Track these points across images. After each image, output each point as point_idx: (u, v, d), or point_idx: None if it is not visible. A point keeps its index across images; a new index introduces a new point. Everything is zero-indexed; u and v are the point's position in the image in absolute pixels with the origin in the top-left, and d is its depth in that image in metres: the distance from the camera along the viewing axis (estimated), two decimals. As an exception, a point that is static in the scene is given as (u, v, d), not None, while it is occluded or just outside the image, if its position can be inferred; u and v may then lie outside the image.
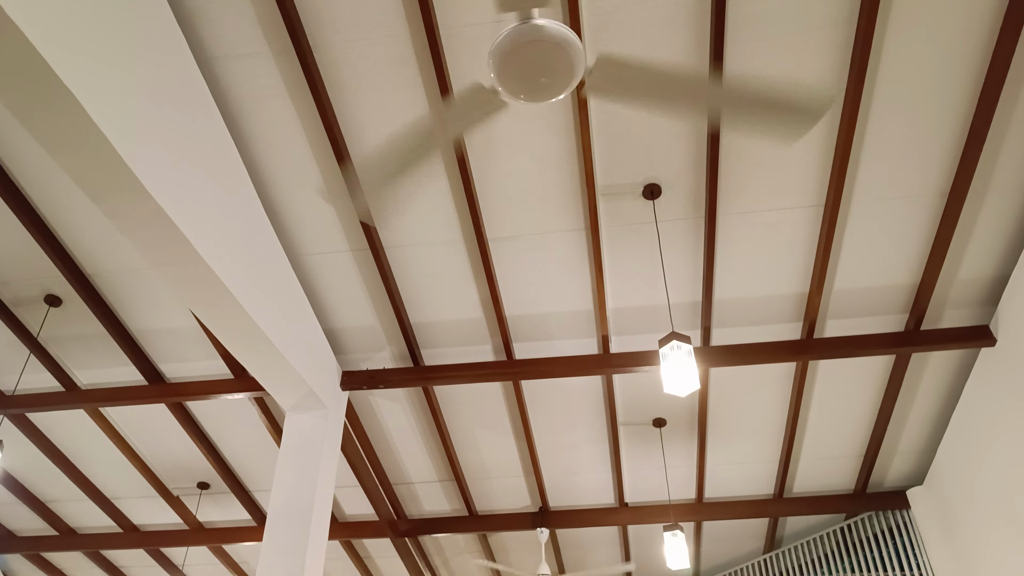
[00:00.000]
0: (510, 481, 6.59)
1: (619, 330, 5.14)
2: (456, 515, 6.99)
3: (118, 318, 5.20)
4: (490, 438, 6.14)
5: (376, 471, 6.41)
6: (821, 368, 5.37)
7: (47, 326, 5.28)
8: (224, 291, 3.77)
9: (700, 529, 7.25)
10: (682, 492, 6.69)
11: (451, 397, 5.77)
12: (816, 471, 6.33)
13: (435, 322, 5.15)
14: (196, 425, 6.10)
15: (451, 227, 4.54)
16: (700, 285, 4.83)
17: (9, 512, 7.39)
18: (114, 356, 5.50)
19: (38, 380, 5.74)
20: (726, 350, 4.99)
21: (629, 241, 4.57)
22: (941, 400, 5.60)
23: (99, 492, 6.95)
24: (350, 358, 5.42)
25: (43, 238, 4.54)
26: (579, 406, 5.82)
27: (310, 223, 4.53)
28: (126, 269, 4.83)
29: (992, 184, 4.21)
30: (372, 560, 7.89)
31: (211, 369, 5.53)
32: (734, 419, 5.86)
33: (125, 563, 8.15)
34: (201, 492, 6.91)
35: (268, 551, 4.64)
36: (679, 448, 6.18)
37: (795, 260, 4.63)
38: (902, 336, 4.87)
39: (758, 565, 7.56)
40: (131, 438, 6.31)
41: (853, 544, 6.83)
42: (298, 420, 5.07)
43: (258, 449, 6.33)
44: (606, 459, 6.33)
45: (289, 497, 4.80)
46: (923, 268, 4.62)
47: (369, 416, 5.95)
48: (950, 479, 5.78)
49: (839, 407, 5.69)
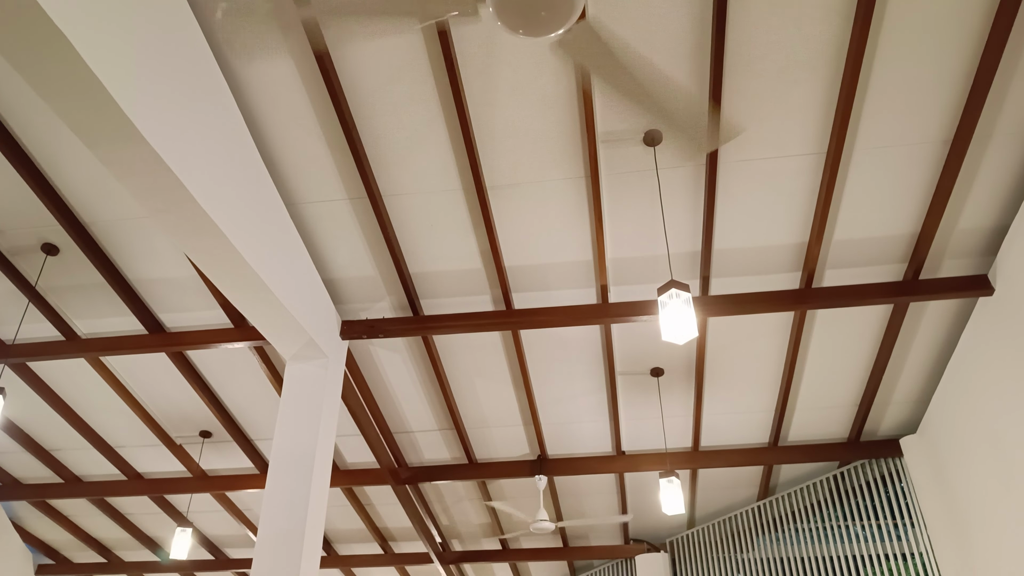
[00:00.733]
0: (509, 430, 6.68)
1: (618, 280, 5.14)
2: (456, 463, 7.10)
3: (116, 267, 5.19)
4: (489, 387, 6.19)
5: (377, 420, 6.48)
6: (819, 318, 5.40)
7: (45, 275, 5.27)
8: (222, 239, 3.76)
9: (696, 477, 7.38)
10: (678, 441, 6.79)
11: (450, 347, 5.81)
12: (811, 420, 6.41)
13: (434, 272, 5.15)
14: (197, 374, 6.15)
15: (450, 175, 4.50)
16: (699, 235, 4.81)
17: (14, 460, 7.49)
18: (113, 305, 5.51)
19: (38, 330, 5.76)
20: (724, 300, 5.01)
21: (629, 190, 4.54)
22: (937, 350, 5.64)
23: (103, 441, 7.04)
24: (349, 308, 5.44)
25: (38, 186, 4.50)
26: (577, 356, 5.86)
27: (307, 171, 4.49)
28: (123, 218, 4.80)
29: (995, 132, 4.17)
30: (373, 507, 8.04)
31: (211, 319, 5.54)
32: (731, 369, 5.91)
33: (130, 510, 8.30)
34: (204, 441, 7.00)
35: (271, 498, 4.71)
36: (676, 397, 6.25)
37: (795, 209, 4.61)
38: (900, 285, 4.88)
39: (752, 512, 7.72)
40: (133, 387, 6.36)
41: (846, 491, 6.96)
42: (299, 369, 5.10)
43: (259, 398, 6.39)
44: (604, 408, 6.40)
45: (291, 445, 4.86)
46: (923, 218, 4.60)
47: (369, 366, 5.99)
48: (943, 427, 5.87)
49: (835, 357, 5.73)
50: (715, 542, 7.94)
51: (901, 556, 6.34)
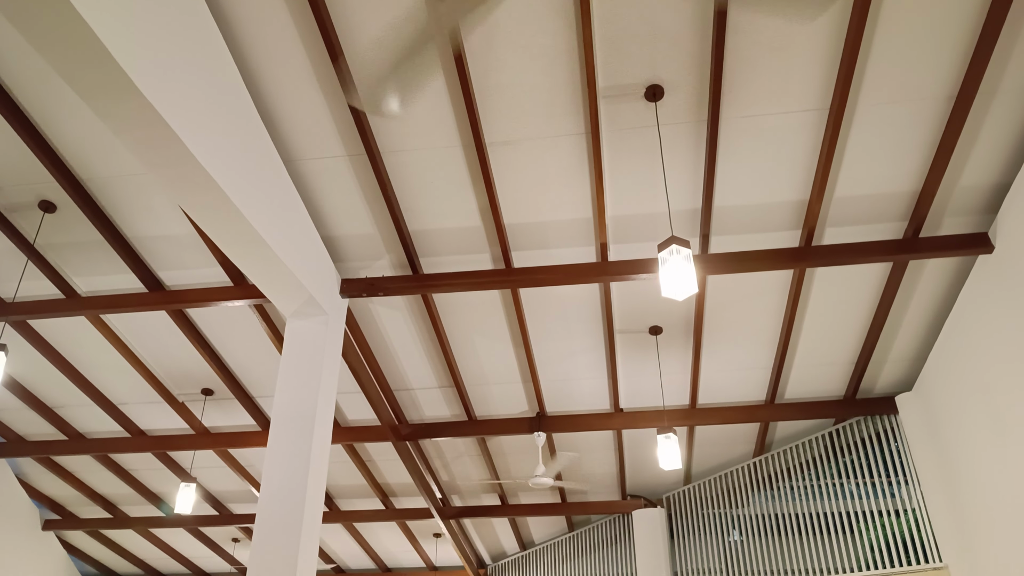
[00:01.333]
0: (508, 387, 6.73)
1: (618, 238, 5.13)
2: (456, 420, 7.18)
3: (114, 225, 5.17)
4: (489, 345, 6.22)
5: (377, 377, 6.53)
6: (818, 276, 5.40)
7: (43, 233, 5.25)
8: (221, 195, 3.74)
9: (693, 433, 7.47)
10: (676, 398, 6.85)
11: (450, 305, 5.82)
12: (808, 377, 6.46)
13: (434, 230, 5.13)
14: (198, 332, 6.17)
15: (449, 131, 4.45)
16: (700, 192, 4.79)
17: (18, 417, 7.56)
18: (113, 263, 5.50)
19: (38, 287, 5.76)
20: (724, 257, 5.01)
21: (630, 146, 4.50)
22: (935, 308, 5.66)
23: (105, 398, 7.09)
24: (349, 266, 5.43)
25: (33, 142, 4.46)
26: (576, 314, 5.88)
27: (305, 127, 4.44)
28: (120, 174, 4.76)
29: (1000, 89, 4.12)
30: (374, 463, 8.15)
31: (210, 276, 5.54)
32: (729, 327, 5.94)
33: (134, 466, 8.41)
34: (205, 398, 7.06)
35: (273, 454, 4.76)
36: (674, 355, 6.29)
37: (796, 166, 4.58)
38: (900, 243, 4.88)
39: (748, 468, 7.83)
40: (134, 345, 6.39)
41: (841, 448, 7.05)
42: (299, 326, 5.12)
43: (260, 356, 6.43)
44: (602, 366, 6.45)
45: (292, 402, 4.90)
46: (925, 175, 4.58)
47: (369, 324, 6.01)
48: (938, 385, 5.92)
49: (833, 315, 5.75)
50: (711, 498, 8.08)
51: (894, 512, 6.46)
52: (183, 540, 10.17)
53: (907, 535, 6.29)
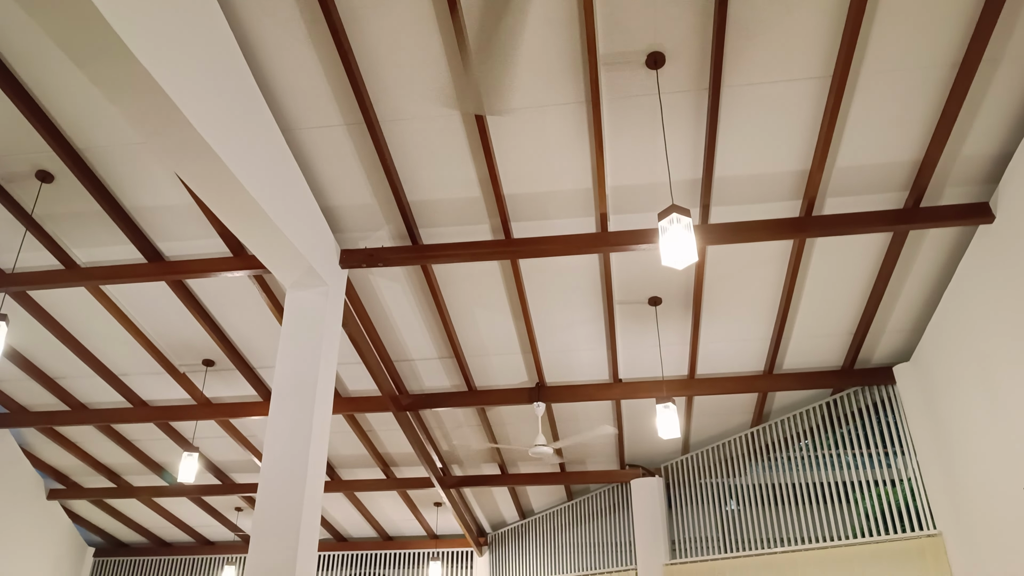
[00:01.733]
0: (508, 358, 6.76)
1: (618, 208, 5.12)
2: (456, 390, 7.22)
3: (112, 195, 5.15)
4: (488, 316, 6.24)
5: (377, 348, 6.56)
6: (818, 246, 5.40)
7: (41, 203, 5.23)
8: (218, 163, 3.71)
9: (691, 404, 7.52)
10: (675, 369, 6.88)
11: (450, 276, 5.82)
12: (806, 348, 6.49)
13: (433, 200, 5.12)
14: (198, 303, 6.18)
15: (449, 99, 4.41)
16: (701, 162, 4.76)
17: (20, 388, 7.60)
18: (112, 234, 5.49)
19: (37, 258, 5.76)
20: (724, 228, 4.99)
21: (630, 116, 4.47)
22: (934, 279, 5.67)
23: (106, 369, 7.13)
24: (348, 236, 5.42)
25: (28, 110, 4.42)
26: (576, 285, 5.88)
27: (303, 95, 4.40)
28: (117, 144, 4.73)
29: (1005, 56, 4.07)
30: (375, 433, 8.21)
31: (210, 247, 5.54)
32: (728, 298, 5.95)
33: (136, 436, 8.47)
34: (207, 369, 7.09)
35: (274, 424, 4.79)
36: (673, 326, 6.30)
37: (798, 136, 4.55)
38: (900, 213, 4.86)
39: (746, 438, 7.89)
40: (134, 316, 6.41)
41: (838, 418, 7.10)
42: (299, 297, 5.12)
43: (261, 327, 6.44)
44: (601, 337, 6.47)
45: (293, 372, 4.92)
46: (927, 144, 4.55)
47: (369, 295, 6.02)
48: (936, 356, 5.94)
49: (833, 286, 5.76)
50: (708, 467, 8.15)
51: (889, 482, 6.52)
52: (187, 509, 10.29)
53: (902, 504, 6.36)
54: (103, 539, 11.10)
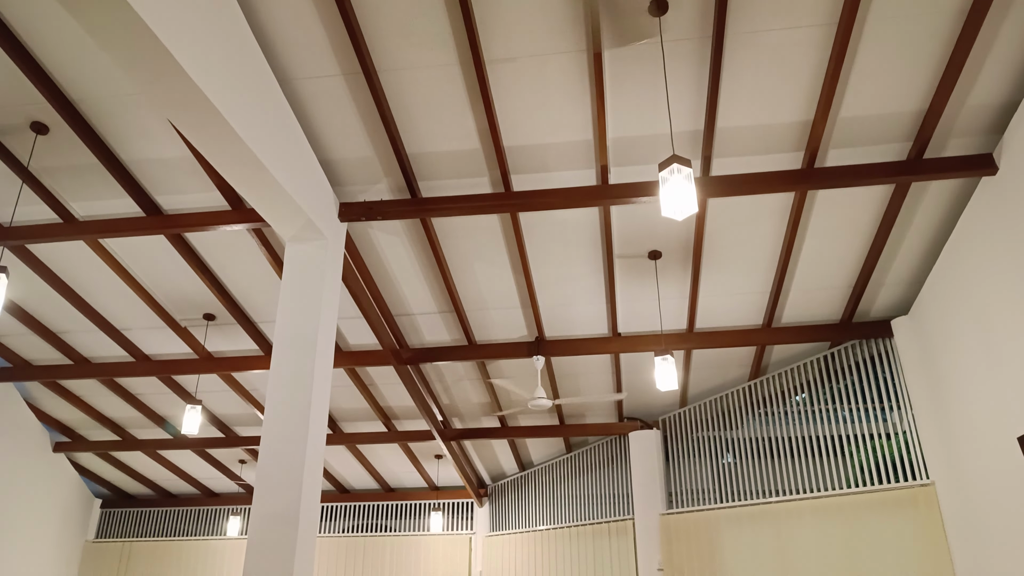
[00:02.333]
0: (508, 312, 6.78)
1: (618, 161, 5.07)
2: (456, 344, 7.26)
3: (109, 147, 5.10)
4: (488, 270, 6.24)
5: (377, 302, 6.57)
6: (819, 199, 5.37)
7: (37, 156, 5.18)
8: (215, 113, 3.67)
9: (689, 357, 7.57)
10: (674, 323, 6.91)
11: (449, 230, 5.80)
12: (805, 301, 6.51)
13: (432, 153, 5.07)
14: (198, 257, 6.17)
15: (447, 48, 4.34)
16: (703, 113, 4.71)
17: (23, 342, 7.64)
18: (109, 187, 5.45)
19: (35, 212, 5.73)
20: (725, 180, 4.96)
21: (632, 65, 4.40)
22: (934, 232, 5.65)
23: (108, 323, 7.16)
24: (347, 190, 5.39)
25: (20, 60, 4.35)
26: (576, 238, 5.87)
27: (300, 44, 4.32)
28: (113, 94, 4.67)
29: (1015, 2, 3.99)
30: (376, 387, 8.28)
31: (208, 201, 5.51)
32: (728, 251, 5.94)
33: (140, 390, 8.55)
34: (208, 323, 7.12)
35: (276, 377, 4.82)
36: (673, 280, 6.31)
37: (801, 85, 4.48)
38: (903, 165, 4.83)
39: (743, 391, 7.97)
40: (134, 270, 6.41)
41: (835, 371, 7.16)
42: (298, 250, 5.11)
43: (261, 281, 6.45)
44: (601, 291, 6.48)
45: (293, 325, 4.93)
46: (932, 94, 4.49)
47: (369, 249, 6.01)
48: (934, 309, 5.96)
49: (833, 239, 5.75)
50: (705, 420, 8.25)
51: (885, 435, 6.60)
52: (191, 461, 10.44)
53: (896, 457, 6.46)
54: (109, 491, 11.29)
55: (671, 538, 8.00)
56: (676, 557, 7.90)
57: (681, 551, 7.87)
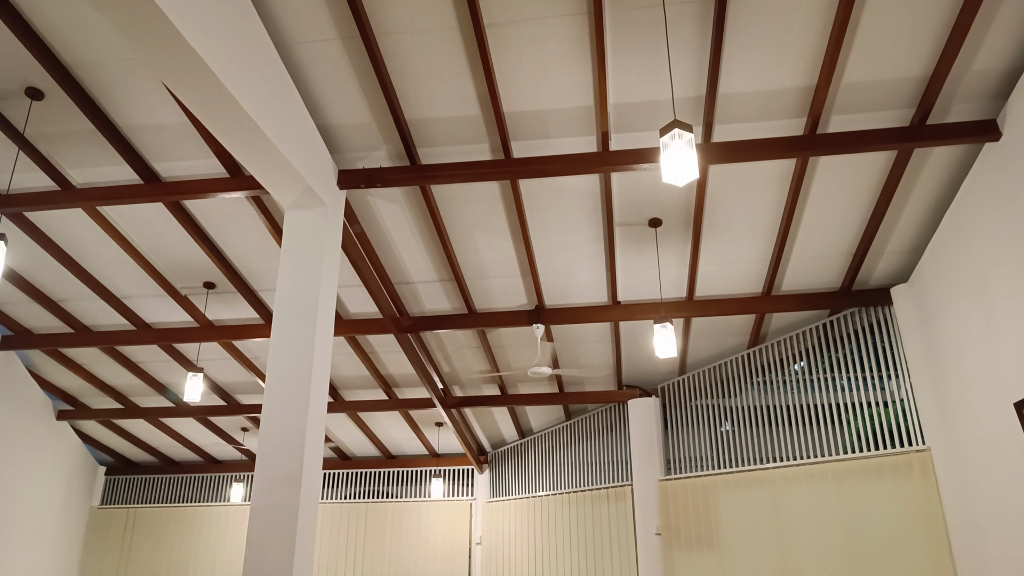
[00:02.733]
0: (508, 281, 6.78)
1: (619, 127, 5.04)
2: (456, 313, 7.27)
3: (105, 113, 5.06)
4: (488, 239, 6.23)
5: (377, 271, 6.57)
6: (820, 166, 5.34)
7: (32, 122, 5.14)
8: (211, 77, 3.63)
9: (689, 325, 7.59)
10: (673, 291, 6.92)
11: (449, 198, 5.78)
12: (805, 269, 6.51)
13: (432, 119, 5.03)
14: (197, 225, 6.16)
15: (446, 11, 4.28)
16: (705, 78, 4.66)
17: (24, 311, 7.66)
18: (107, 154, 5.42)
19: (32, 179, 5.70)
20: (727, 146, 4.93)
21: (633, 28, 4.34)
22: (936, 199, 5.63)
23: (108, 291, 7.16)
24: (346, 157, 5.35)
25: (13, 23, 4.29)
26: (576, 206, 5.85)
27: (297, 7, 4.26)
28: (108, 59, 4.62)
29: (1024, -36, 3.93)
30: (377, 355, 8.32)
31: (206, 168, 5.47)
32: (729, 219, 5.92)
33: (142, 358, 8.59)
34: (208, 292, 7.13)
35: (277, 345, 4.83)
36: (673, 248, 6.30)
37: (805, 50, 4.43)
38: (906, 131, 4.79)
39: (742, 359, 8.01)
40: (133, 238, 6.39)
41: (834, 339, 7.19)
42: (298, 217, 5.10)
43: (260, 249, 6.44)
44: (601, 259, 6.47)
45: (294, 292, 4.93)
46: (937, 59, 4.44)
47: (368, 217, 5.99)
48: (934, 276, 5.97)
49: (833, 206, 5.73)
50: (704, 388, 8.30)
51: (882, 403, 6.65)
52: (194, 429, 10.53)
53: (893, 424, 6.51)
54: (113, 458, 11.40)
55: (669, 503, 8.10)
56: (674, 521, 8.01)
57: (678, 515, 7.98)
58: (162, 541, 11.12)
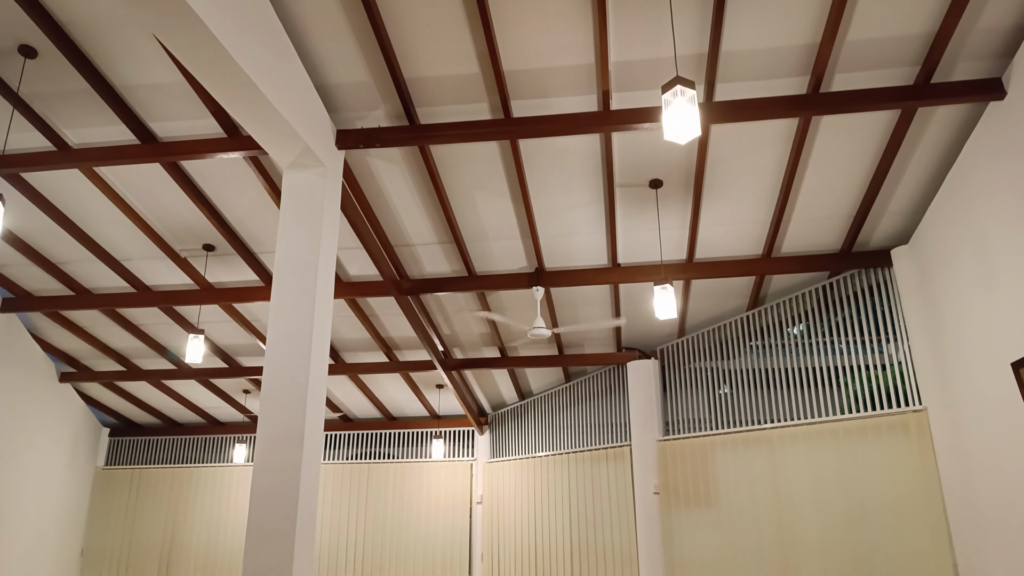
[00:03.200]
0: (508, 243, 6.78)
1: (620, 86, 4.98)
2: (456, 275, 7.28)
3: (100, 72, 5.00)
4: (488, 200, 6.20)
5: (377, 233, 6.56)
6: (822, 126, 5.30)
7: (27, 81, 5.08)
8: (207, 33, 3.57)
9: (688, 287, 7.60)
10: (673, 253, 6.91)
11: (449, 158, 5.74)
12: (805, 231, 6.50)
13: (430, 77, 4.97)
14: (195, 187, 6.13)
15: (444, -33, 4.20)
16: (707, 35, 4.59)
17: (24, 273, 7.66)
18: (103, 114, 5.37)
19: (28, 140, 5.66)
20: (729, 105, 4.88)
21: (635, -16, 4.27)
22: (938, 160, 5.60)
23: (108, 254, 7.16)
24: (344, 116, 5.30)
25: (5, -21, 4.22)
26: (577, 167, 5.81)
27: (292, -38, 4.19)
28: (102, 16, 4.54)
29: (1034, -84, 3.85)
30: (377, 318, 8.35)
31: (203, 128, 5.43)
32: (730, 180, 5.90)
33: (143, 321, 8.62)
34: (208, 254, 7.12)
35: (277, 306, 4.83)
36: (673, 210, 6.28)
37: (809, 6, 4.36)
38: (910, 90, 4.74)
39: (741, 321, 8.04)
40: (131, 200, 6.37)
41: (833, 301, 7.21)
42: (296, 178, 5.07)
43: (259, 211, 6.42)
44: (601, 221, 6.46)
45: (293, 253, 4.92)
46: (942, 16, 4.38)
47: (367, 178, 5.96)
48: (934, 237, 5.96)
49: (835, 167, 5.70)
50: (703, 351, 8.35)
51: (880, 367, 6.69)
52: (196, 391, 10.61)
53: (891, 386, 6.56)
54: (117, 420, 11.51)
55: (667, 462, 8.20)
56: (672, 480, 8.12)
57: (677, 474, 8.09)
58: (167, 500, 11.29)
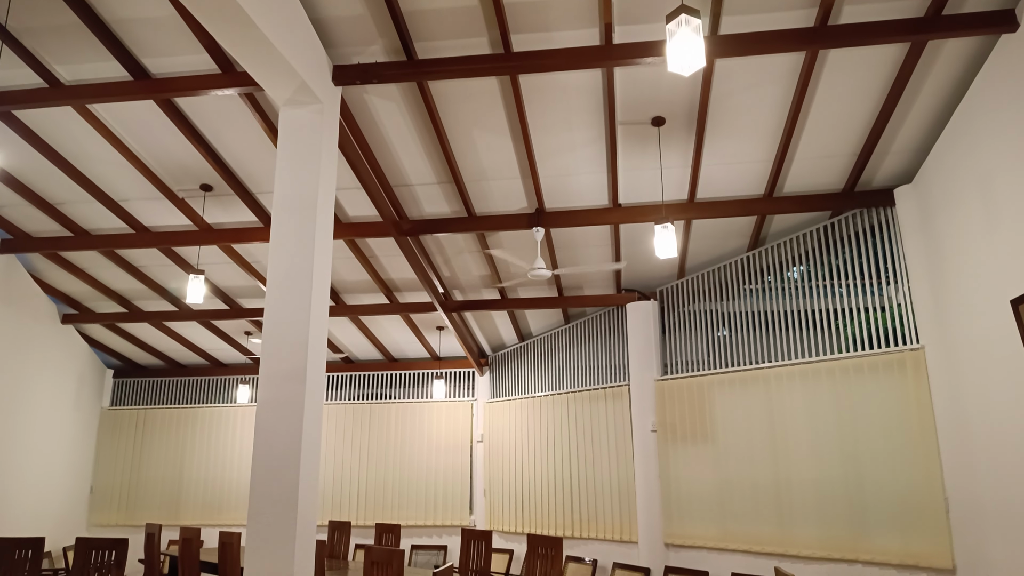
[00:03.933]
0: (507, 183, 6.72)
1: (623, 19, 4.86)
2: (456, 216, 7.24)
3: (89, 5, 4.87)
4: (488, 139, 6.12)
5: (376, 173, 6.49)
6: (829, 61, 5.19)
7: (15, 15, 4.95)
8: (198, -39, 3.47)
9: (689, 227, 7.57)
10: (675, 193, 6.86)
11: (448, 96, 5.64)
12: (808, 170, 6.43)
13: (429, 10, 4.84)
14: (190, 125, 6.04)
15: None
16: (713, -35, 4.46)
17: (21, 214, 7.62)
18: (94, 50, 5.25)
19: (19, 76, 5.55)
20: (734, 38, 4.77)
21: (640, -90, 4.12)
22: (946, 97, 5.50)
23: (105, 194, 7.10)
24: (340, 52, 5.19)
25: (-13, -96, 4.07)
26: (578, 104, 5.72)
27: None
28: (87, -56, 4.40)
29: None
30: (377, 259, 8.34)
31: (198, 63, 5.32)
32: (733, 118, 5.81)
33: (143, 263, 8.61)
34: (205, 194, 7.07)
35: (276, 245, 4.81)
36: (675, 148, 6.21)
37: (820, -67, 4.23)
38: (920, 22, 4.63)
39: (741, 262, 8.03)
40: (126, 138, 6.28)
41: (834, 242, 7.19)
42: (293, 115, 4.99)
43: (256, 150, 6.34)
44: (602, 160, 6.39)
45: (291, 191, 4.88)
46: (958, -56, 4.25)
47: (365, 117, 5.87)
48: (938, 176, 5.91)
49: (840, 104, 5.61)
50: (702, 292, 8.37)
51: (880, 308, 6.70)
52: (198, 333, 10.68)
53: (889, 326, 6.59)
54: (120, 361, 11.61)
55: (665, 401, 8.31)
56: (669, 418, 8.24)
57: (674, 412, 8.21)
58: (172, 440, 11.48)
